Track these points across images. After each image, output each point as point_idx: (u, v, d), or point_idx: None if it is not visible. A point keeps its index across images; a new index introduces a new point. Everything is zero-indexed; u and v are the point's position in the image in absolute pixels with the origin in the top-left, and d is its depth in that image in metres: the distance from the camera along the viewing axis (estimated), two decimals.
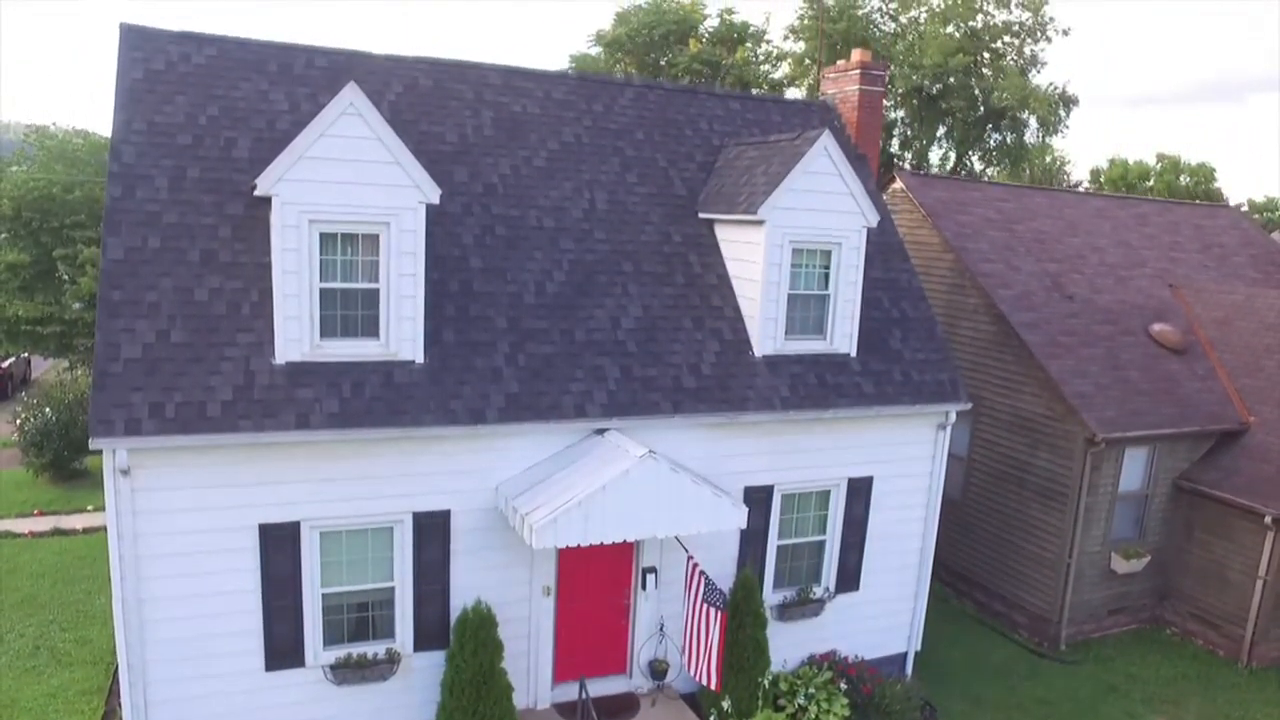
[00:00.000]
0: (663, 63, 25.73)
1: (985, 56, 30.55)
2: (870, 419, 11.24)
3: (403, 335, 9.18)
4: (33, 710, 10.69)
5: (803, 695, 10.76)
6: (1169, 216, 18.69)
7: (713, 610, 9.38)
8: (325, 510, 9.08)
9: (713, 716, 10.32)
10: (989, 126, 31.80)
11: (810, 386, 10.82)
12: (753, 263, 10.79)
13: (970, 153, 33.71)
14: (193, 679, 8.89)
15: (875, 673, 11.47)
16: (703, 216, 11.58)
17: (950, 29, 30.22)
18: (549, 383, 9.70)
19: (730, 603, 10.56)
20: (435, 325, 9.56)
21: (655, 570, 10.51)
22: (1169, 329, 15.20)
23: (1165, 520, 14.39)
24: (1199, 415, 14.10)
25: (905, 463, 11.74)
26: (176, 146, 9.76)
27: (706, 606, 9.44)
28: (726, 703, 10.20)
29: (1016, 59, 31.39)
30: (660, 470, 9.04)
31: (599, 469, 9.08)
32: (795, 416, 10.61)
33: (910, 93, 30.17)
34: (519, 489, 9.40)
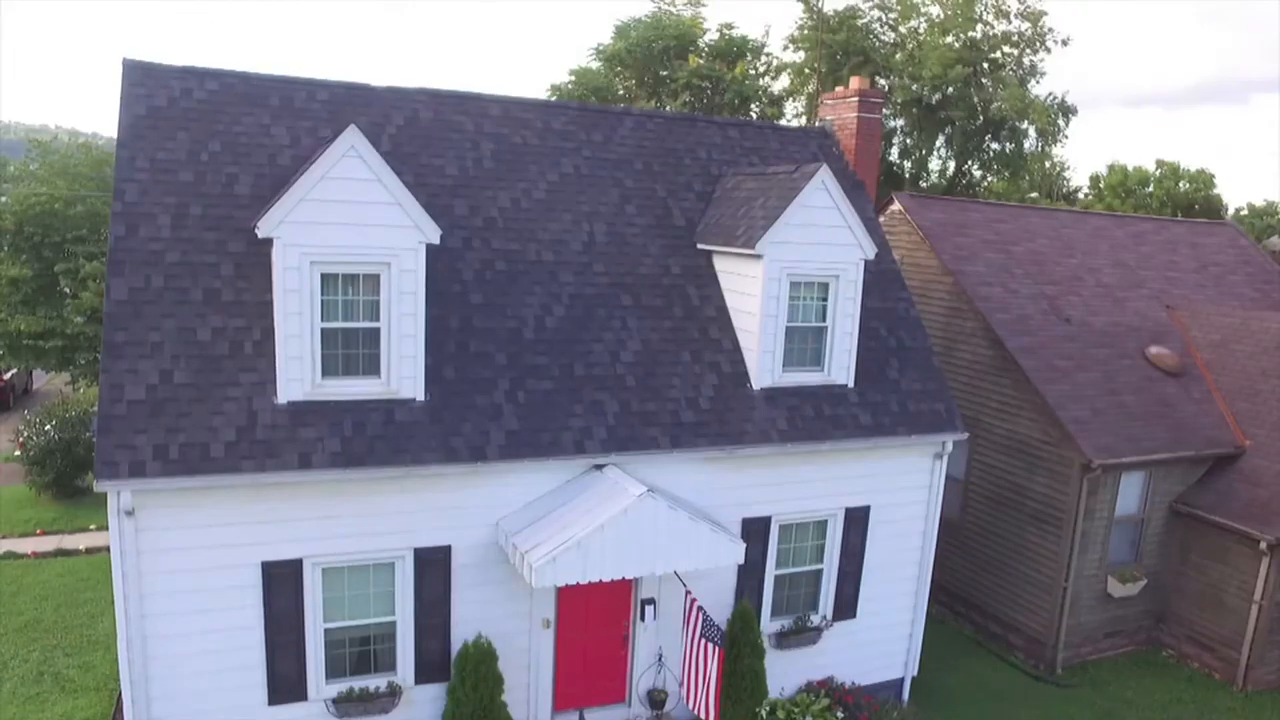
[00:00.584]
0: (662, 74, 25.78)
1: (985, 66, 30.59)
2: (867, 450, 11.33)
3: (404, 373, 9.27)
4: None
5: None
6: (1166, 235, 18.76)
7: (710, 646, 9.47)
8: (327, 547, 9.18)
9: None
10: (988, 136, 31.87)
11: (808, 419, 10.90)
12: (751, 295, 10.87)
13: (970, 162, 33.77)
14: (196, 714, 8.99)
15: (872, 699, 11.57)
16: (701, 247, 11.66)
17: (950, 39, 30.27)
18: (548, 419, 9.79)
19: (728, 633, 10.67)
20: (436, 362, 9.64)
21: (654, 601, 10.60)
22: (1165, 352, 15.27)
23: (1161, 543, 14.48)
24: (1195, 439, 14.18)
25: (902, 492, 11.83)
26: (179, 184, 9.85)
27: (704, 642, 9.53)
28: None
29: (1016, 69, 31.44)
30: (658, 509, 9.13)
31: (597, 507, 9.17)
32: (793, 449, 10.69)
33: (910, 102, 30.23)
34: (519, 525, 9.49)
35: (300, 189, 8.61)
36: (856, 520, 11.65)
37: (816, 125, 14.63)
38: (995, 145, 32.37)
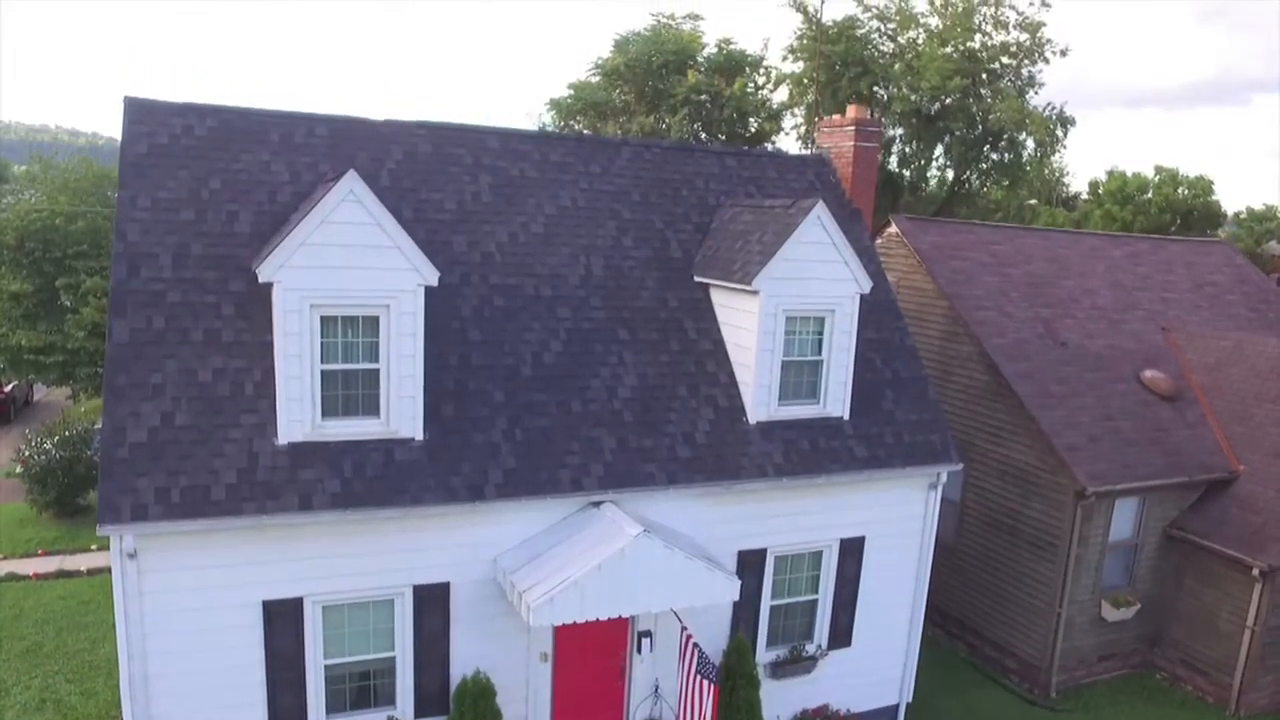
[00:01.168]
0: (661, 86, 25.84)
1: (983, 77, 30.67)
2: (863, 481, 11.42)
3: (403, 413, 9.36)
4: None
5: None
6: (1162, 255, 18.85)
7: (706, 683, 9.57)
8: (328, 585, 9.27)
9: None
10: (986, 146, 31.95)
11: (803, 452, 10.99)
12: (747, 330, 10.96)
13: (969, 171, 33.85)
14: None
15: None
16: (698, 280, 11.75)
17: (949, 49, 30.33)
18: (546, 456, 9.88)
19: (723, 665, 10.77)
20: (434, 400, 9.73)
21: (650, 634, 10.70)
22: (1160, 376, 15.36)
23: (1156, 568, 14.59)
24: (1189, 465, 14.28)
25: (897, 522, 11.93)
26: (180, 222, 9.93)
27: (700, 679, 9.63)
28: None
29: (1014, 80, 31.51)
30: (654, 548, 9.22)
31: (594, 547, 9.27)
32: (788, 484, 10.79)
33: (909, 113, 30.31)
34: (516, 563, 9.59)
35: (300, 234, 8.69)
36: (851, 550, 11.75)
37: (814, 152, 14.71)
38: (994, 156, 32.49)
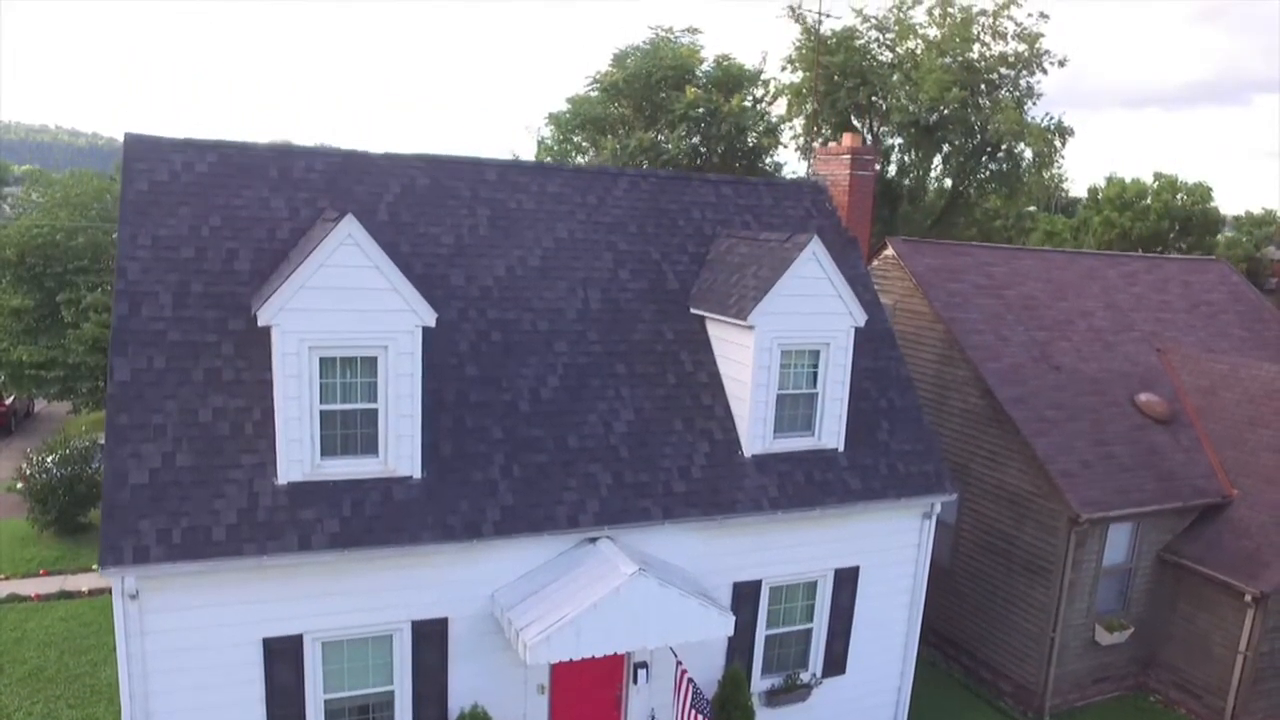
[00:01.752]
0: (659, 101, 25.90)
1: (982, 87, 30.73)
2: (857, 512, 11.52)
3: (401, 452, 9.47)
4: None
5: None
6: (1158, 274, 18.93)
7: (700, 717, 9.68)
8: (327, 622, 9.38)
9: None
10: (985, 156, 32.03)
11: (798, 485, 11.09)
12: (742, 364, 11.06)
13: (967, 181, 33.92)
14: None
15: None
16: (694, 312, 11.84)
17: (947, 59, 30.40)
18: (543, 493, 9.99)
19: (718, 696, 10.89)
20: (432, 438, 9.83)
21: (647, 665, 10.80)
22: (1155, 399, 15.45)
23: (1149, 591, 14.69)
24: (1183, 490, 14.37)
25: (891, 551, 12.03)
26: (180, 260, 10.03)
27: (694, 713, 9.74)
28: None
29: (1013, 90, 31.57)
30: (649, 586, 9.33)
31: (590, 585, 9.37)
32: (783, 517, 10.89)
33: (907, 123, 30.39)
34: (513, 599, 9.69)
35: (299, 277, 8.79)
36: (846, 580, 11.86)
37: (810, 176, 14.80)
38: (992, 166, 32.57)
